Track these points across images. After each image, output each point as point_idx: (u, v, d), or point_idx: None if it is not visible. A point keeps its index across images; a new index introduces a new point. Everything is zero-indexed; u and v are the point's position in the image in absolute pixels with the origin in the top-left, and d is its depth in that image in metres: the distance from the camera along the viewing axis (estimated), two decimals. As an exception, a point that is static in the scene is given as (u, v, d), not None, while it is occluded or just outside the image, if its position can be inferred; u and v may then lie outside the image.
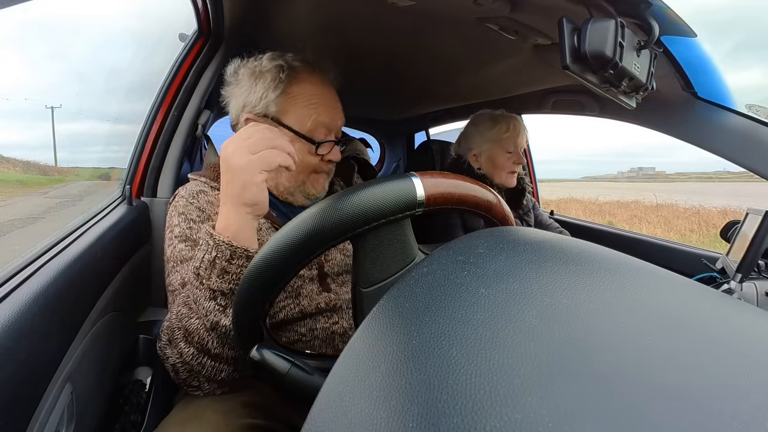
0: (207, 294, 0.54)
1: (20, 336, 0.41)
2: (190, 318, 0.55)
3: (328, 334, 0.68)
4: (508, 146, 1.21)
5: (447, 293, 0.25)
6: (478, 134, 1.25)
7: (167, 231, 0.69)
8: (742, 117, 0.78)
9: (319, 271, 0.71)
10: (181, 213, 0.68)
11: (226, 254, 0.53)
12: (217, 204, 0.69)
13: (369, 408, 0.19)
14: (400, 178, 0.39)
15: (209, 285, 0.54)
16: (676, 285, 0.25)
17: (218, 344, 0.55)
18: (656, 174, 77.74)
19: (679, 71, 0.77)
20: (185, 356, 0.57)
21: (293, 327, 0.68)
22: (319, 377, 0.39)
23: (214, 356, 0.56)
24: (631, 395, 0.16)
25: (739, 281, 0.73)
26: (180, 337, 0.57)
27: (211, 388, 0.60)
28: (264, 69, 0.72)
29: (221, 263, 0.53)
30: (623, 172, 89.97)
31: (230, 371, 0.58)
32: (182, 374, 0.58)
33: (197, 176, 0.76)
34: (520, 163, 1.22)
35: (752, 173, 0.77)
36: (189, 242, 0.66)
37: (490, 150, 1.22)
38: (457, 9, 0.75)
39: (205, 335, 0.55)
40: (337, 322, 0.69)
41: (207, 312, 0.54)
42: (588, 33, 0.50)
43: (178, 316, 0.57)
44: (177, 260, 0.65)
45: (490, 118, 1.24)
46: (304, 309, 0.68)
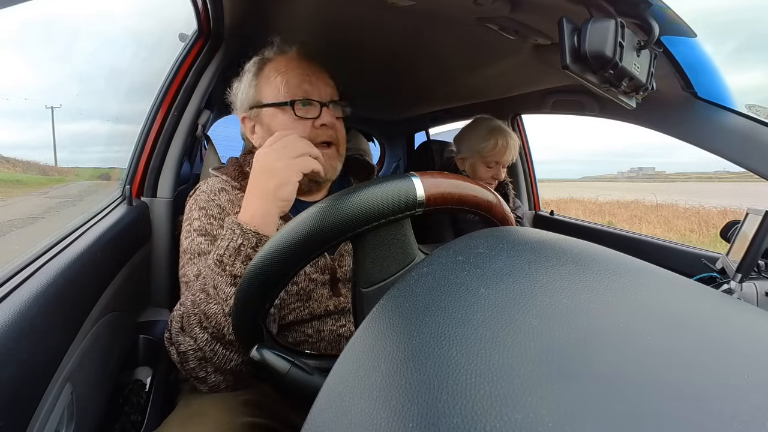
0: (229, 280, 0.56)
1: (20, 336, 0.41)
2: (209, 303, 0.56)
3: (335, 336, 0.69)
4: (489, 162, 1.27)
5: (447, 293, 0.25)
6: (468, 141, 1.31)
7: (185, 223, 0.71)
8: (742, 117, 0.78)
9: (331, 277, 0.71)
10: (202, 207, 0.70)
11: (252, 242, 0.56)
12: (237, 203, 0.71)
13: (369, 408, 0.19)
14: (400, 178, 0.39)
15: (232, 271, 0.56)
16: (676, 285, 0.25)
17: None
18: (656, 174, 77.71)
19: (679, 71, 0.77)
20: (199, 341, 0.57)
21: (300, 328, 0.68)
22: (319, 377, 0.39)
23: (227, 343, 0.57)
24: (631, 395, 0.16)
25: (739, 281, 0.73)
26: (195, 322, 0.57)
27: (216, 381, 0.60)
28: (246, 70, 0.75)
29: (246, 250, 0.56)
30: (623, 172, 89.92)
31: (238, 362, 0.58)
32: (191, 363, 0.58)
33: (219, 173, 0.77)
34: (496, 178, 1.29)
35: (752, 173, 0.77)
36: (208, 237, 0.68)
37: (473, 159, 1.29)
38: (457, 9, 0.75)
39: (222, 320, 0.56)
40: (344, 324, 0.70)
41: (227, 297, 0.55)
42: (588, 33, 0.50)
43: (195, 302, 0.58)
44: (195, 252, 0.67)
45: (484, 130, 1.28)
46: (313, 312, 0.69)
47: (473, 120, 1.35)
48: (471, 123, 1.35)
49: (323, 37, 0.98)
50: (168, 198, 0.96)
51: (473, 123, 1.34)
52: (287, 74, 0.72)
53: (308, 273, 0.69)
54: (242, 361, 0.59)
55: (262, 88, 0.73)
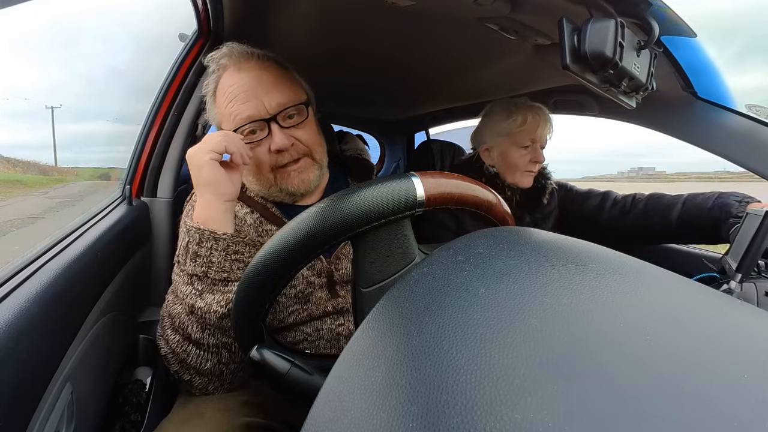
0: (185, 279, 0.57)
1: (20, 336, 0.41)
2: (175, 304, 0.58)
3: (333, 335, 0.68)
4: (523, 141, 1.04)
5: (447, 293, 0.25)
6: (490, 126, 1.10)
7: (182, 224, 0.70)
8: (742, 117, 0.78)
9: (328, 279, 0.71)
10: None
11: (195, 238, 0.56)
12: None
13: (369, 408, 0.19)
14: (400, 178, 0.39)
15: (185, 270, 0.57)
16: (676, 285, 0.25)
17: (198, 329, 0.56)
18: (656, 174, 77.65)
19: (679, 71, 0.77)
20: (171, 343, 0.58)
21: (300, 327, 0.68)
22: (319, 377, 0.39)
23: (195, 342, 0.57)
24: (631, 395, 0.16)
25: (739, 281, 0.73)
26: (167, 324, 0.59)
27: (201, 384, 0.60)
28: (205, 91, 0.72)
29: (192, 247, 0.56)
30: (623, 172, 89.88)
31: (215, 362, 0.58)
32: (174, 365, 0.60)
33: None
34: (537, 161, 1.05)
35: (752, 173, 0.77)
36: None
37: (502, 145, 1.07)
38: (457, 9, 0.75)
39: (185, 320, 0.56)
40: (342, 323, 0.69)
41: (185, 296, 0.56)
42: (588, 33, 0.50)
43: (166, 304, 0.60)
44: None
45: (506, 108, 1.08)
46: (312, 313, 0.68)
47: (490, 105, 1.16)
48: (486, 110, 1.16)
49: (323, 37, 0.98)
50: (168, 198, 0.95)
51: (489, 109, 1.15)
52: (234, 102, 0.65)
53: (305, 276, 0.69)
54: (219, 362, 0.59)
55: (220, 115, 0.69)
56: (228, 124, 0.67)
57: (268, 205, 0.73)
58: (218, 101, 0.69)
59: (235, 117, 0.65)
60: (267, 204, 0.73)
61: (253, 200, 0.73)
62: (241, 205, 0.72)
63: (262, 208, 0.72)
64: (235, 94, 0.65)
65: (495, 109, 1.12)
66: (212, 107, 0.71)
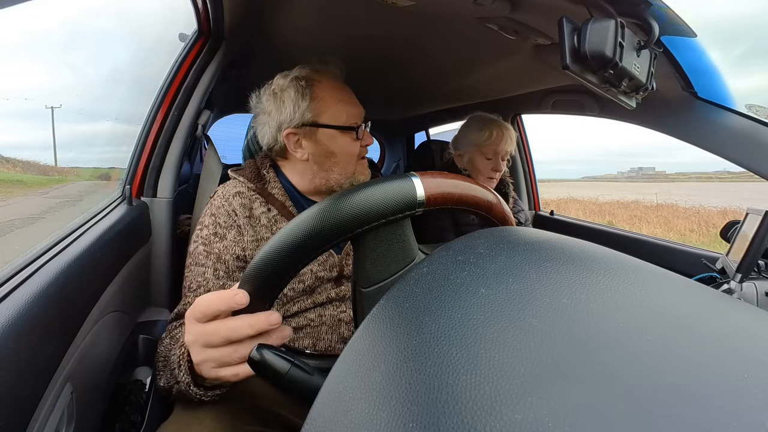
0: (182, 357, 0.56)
1: (20, 336, 0.41)
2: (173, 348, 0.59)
3: (335, 321, 0.71)
4: (487, 153, 1.25)
5: (447, 293, 0.25)
6: (464, 136, 1.31)
7: (198, 225, 0.73)
8: (742, 117, 0.78)
9: (338, 274, 0.74)
10: (213, 214, 0.72)
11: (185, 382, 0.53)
12: (249, 206, 0.74)
13: (369, 408, 0.19)
14: (400, 178, 0.39)
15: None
16: (676, 285, 0.25)
17: None
18: (656, 174, 77.67)
19: (679, 71, 0.77)
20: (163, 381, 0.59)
21: (303, 314, 0.71)
22: (319, 377, 0.39)
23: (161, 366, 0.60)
24: (631, 395, 0.16)
25: (739, 281, 0.73)
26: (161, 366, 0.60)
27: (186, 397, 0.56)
28: (283, 87, 0.76)
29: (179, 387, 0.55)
30: (623, 172, 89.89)
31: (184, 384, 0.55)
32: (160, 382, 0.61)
33: (237, 175, 0.78)
34: (497, 170, 1.27)
35: (752, 173, 0.77)
36: (208, 248, 0.70)
37: (471, 153, 1.28)
38: (457, 9, 0.75)
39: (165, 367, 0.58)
40: (345, 310, 0.72)
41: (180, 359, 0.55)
42: (588, 33, 0.50)
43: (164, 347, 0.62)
44: (193, 262, 0.69)
45: (479, 122, 1.28)
46: (315, 300, 0.71)
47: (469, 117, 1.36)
48: (466, 121, 1.36)
49: (323, 37, 0.98)
50: (168, 198, 0.96)
51: (468, 120, 1.36)
52: (344, 102, 0.77)
53: (315, 271, 0.71)
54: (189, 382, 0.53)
55: (318, 110, 0.75)
56: (336, 118, 0.75)
57: (287, 203, 0.76)
58: (320, 97, 0.75)
59: (349, 114, 0.77)
60: (286, 202, 0.76)
61: (274, 197, 0.76)
62: (259, 203, 0.75)
63: (281, 206, 0.75)
64: (345, 97, 0.78)
65: (471, 122, 1.33)
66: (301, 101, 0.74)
